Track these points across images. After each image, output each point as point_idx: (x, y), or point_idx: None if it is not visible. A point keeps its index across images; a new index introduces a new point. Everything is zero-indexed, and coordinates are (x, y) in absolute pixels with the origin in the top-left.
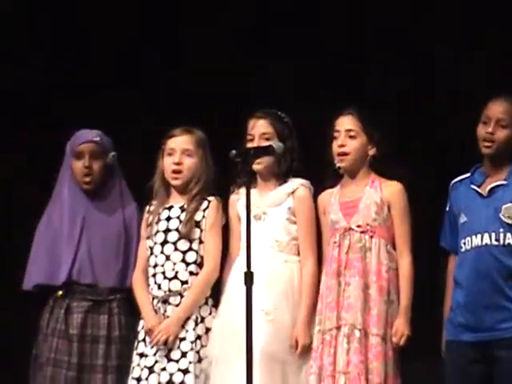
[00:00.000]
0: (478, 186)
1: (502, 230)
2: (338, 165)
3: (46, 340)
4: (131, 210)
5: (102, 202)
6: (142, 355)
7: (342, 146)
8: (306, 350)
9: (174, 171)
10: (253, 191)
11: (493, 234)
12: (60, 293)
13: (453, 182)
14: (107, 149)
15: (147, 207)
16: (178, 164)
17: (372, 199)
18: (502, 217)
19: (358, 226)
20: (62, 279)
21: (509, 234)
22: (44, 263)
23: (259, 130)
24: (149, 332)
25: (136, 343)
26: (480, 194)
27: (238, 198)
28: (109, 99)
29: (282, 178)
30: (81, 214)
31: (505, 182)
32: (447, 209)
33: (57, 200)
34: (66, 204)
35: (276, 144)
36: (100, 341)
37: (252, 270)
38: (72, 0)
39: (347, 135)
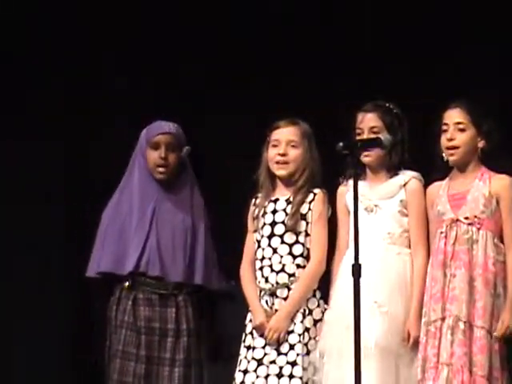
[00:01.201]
0: None
1: None
2: (448, 158)
3: (115, 332)
4: (199, 205)
5: (173, 194)
6: (249, 348)
7: (451, 139)
8: (418, 342)
9: (279, 162)
10: (363, 183)
11: None
12: (126, 284)
13: None
14: (182, 142)
15: (253, 200)
16: (283, 155)
17: (480, 192)
18: None
19: (466, 218)
20: (128, 269)
21: None
22: (111, 251)
23: (368, 123)
24: (258, 327)
25: (244, 336)
26: None
27: (346, 190)
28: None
29: (393, 171)
30: (151, 203)
31: None
32: None
33: (126, 187)
34: (136, 192)
35: (384, 136)
36: (169, 334)
37: (362, 262)
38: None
39: (456, 128)
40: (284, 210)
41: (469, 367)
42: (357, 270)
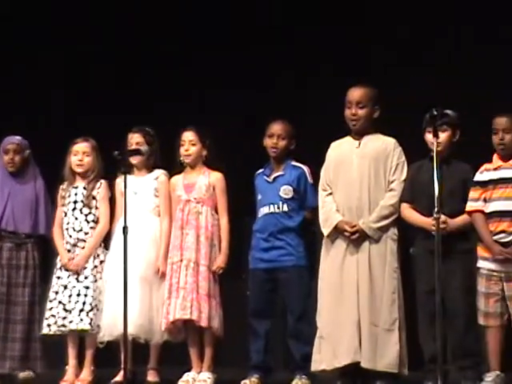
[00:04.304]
0: (267, 176)
1: (280, 202)
2: (184, 161)
3: None
4: (40, 185)
5: (21, 180)
6: (58, 278)
7: (187, 150)
8: (165, 274)
9: (78, 165)
10: (132, 176)
11: (276, 205)
12: None
13: (255, 174)
14: (24, 148)
15: (61, 186)
16: (80, 160)
17: (203, 182)
18: (281, 194)
19: (195, 199)
20: None
21: (285, 205)
22: None
23: (135, 140)
24: (64, 264)
25: (55, 270)
26: (268, 181)
27: (121, 181)
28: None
29: (150, 169)
30: (8, 187)
31: (282, 173)
32: (255, 190)
33: None
34: None
35: (143, 148)
36: (21, 267)
37: (130, 225)
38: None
39: (190, 143)
40: (82, 193)
41: (197, 289)
42: (126, 230)
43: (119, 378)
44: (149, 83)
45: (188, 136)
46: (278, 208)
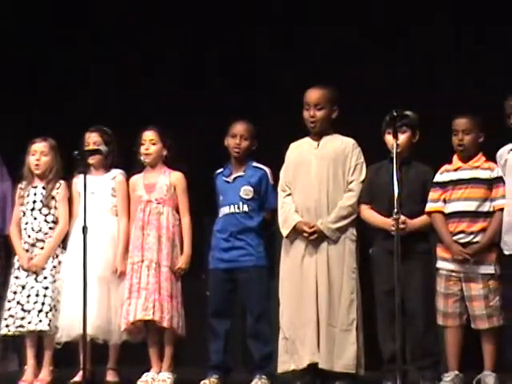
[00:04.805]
0: (227, 177)
1: (241, 203)
2: (144, 161)
3: None
4: (7, 185)
5: None
6: (16, 278)
7: (147, 149)
8: (123, 274)
9: (36, 165)
10: (90, 176)
11: (236, 206)
12: None
13: (215, 174)
14: None
15: (19, 185)
16: (37, 160)
17: (164, 182)
18: (241, 195)
19: (156, 199)
20: None
21: (245, 205)
22: None
23: (92, 139)
24: (23, 265)
25: (13, 270)
26: (228, 182)
27: (78, 180)
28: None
29: (107, 169)
30: None
31: (243, 174)
32: (216, 190)
33: None
34: None
35: (103, 148)
36: None
37: (89, 225)
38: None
39: (150, 143)
40: (41, 193)
41: (159, 290)
42: (85, 230)
43: (78, 378)
44: (108, 82)
45: (148, 135)
46: (239, 208)
